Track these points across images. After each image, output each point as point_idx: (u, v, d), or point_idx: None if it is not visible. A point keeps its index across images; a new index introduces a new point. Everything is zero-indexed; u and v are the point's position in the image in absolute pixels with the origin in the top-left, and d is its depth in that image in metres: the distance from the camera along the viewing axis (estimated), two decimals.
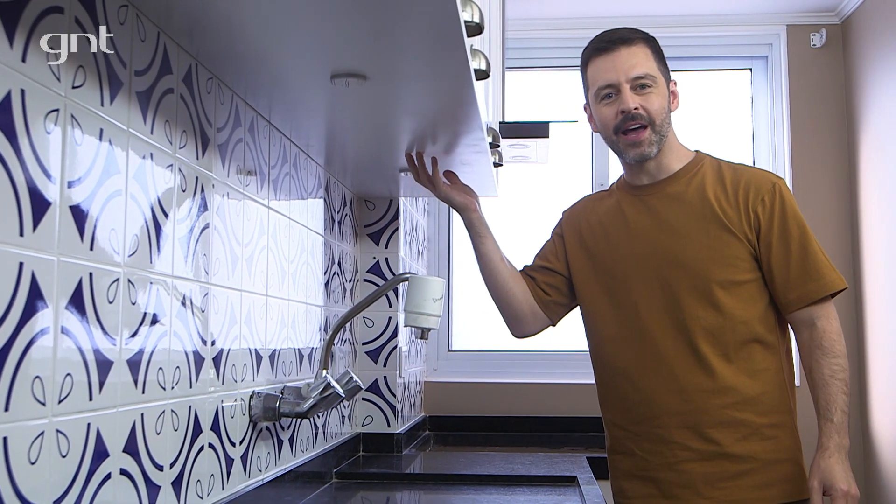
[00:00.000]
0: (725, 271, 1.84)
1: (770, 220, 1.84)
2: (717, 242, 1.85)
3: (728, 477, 1.82)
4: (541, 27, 3.63)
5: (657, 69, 1.89)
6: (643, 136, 1.86)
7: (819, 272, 1.84)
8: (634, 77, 1.85)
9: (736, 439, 1.82)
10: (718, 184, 1.89)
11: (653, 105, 1.86)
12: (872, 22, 3.29)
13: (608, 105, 1.89)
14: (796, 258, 1.83)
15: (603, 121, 1.91)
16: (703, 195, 1.89)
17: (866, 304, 3.33)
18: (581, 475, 2.32)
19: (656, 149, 1.89)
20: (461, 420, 3.39)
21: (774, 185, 1.87)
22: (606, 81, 1.88)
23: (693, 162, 1.95)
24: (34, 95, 0.97)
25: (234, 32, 1.31)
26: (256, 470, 1.73)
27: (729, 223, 1.85)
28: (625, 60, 1.86)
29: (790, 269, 1.83)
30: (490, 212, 3.68)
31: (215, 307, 1.52)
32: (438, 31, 1.26)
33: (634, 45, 1.88)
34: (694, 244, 1.86)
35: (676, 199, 1.91)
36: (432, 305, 1.85)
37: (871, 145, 3.32)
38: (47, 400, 0.99)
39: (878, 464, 3.23)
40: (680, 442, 1.84)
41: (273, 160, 1.85)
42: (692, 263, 1.85)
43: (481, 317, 3.67)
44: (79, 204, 1.06)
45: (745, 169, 1.94)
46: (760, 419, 1.83)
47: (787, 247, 1.84)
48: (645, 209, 1.94)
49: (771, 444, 1.83)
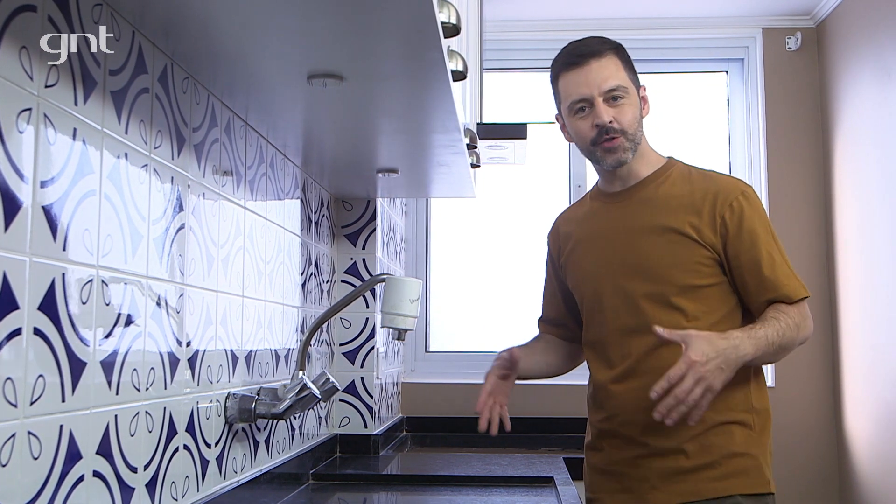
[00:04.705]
0: (686, 276, 1.85)
1: (738, 226, 1.85)
2: (680, 248, 1.86)
3: (684, 471, 1.82)
4: (518, 29, 3.64)
5: (628, 79, 1.90)
6: (618, 143, 1.88)
7: (787, 279, 1.85)
8: (607, 90, 1.87)
9: (691, 436, 1.81)
10: (686, 189, 1.90)
11: (626, 116, 1.88)
12: (847, 25, 3.33)
13: (582, 119, 1.90)
14: (766, 264, 1.84)
15: (578, 134, 1.93)
16: (668, 201, 1.90)
17: (840, 308, 3.36)
18: (558, 476, 2.33)
19: (630, 154, 1.90)
20: (439, 421, 3.39)
21: (743, 191, 1.88)
22: (580, 96, 1.89)
23: (663, 168, 1.96)
24: (6, 94, 0.96)
25: (211, 32, 1.31)
26: (232, 471, 1.72)
27: (693, 229, 1.85)
28: (596, 74, 1.87)
29: (761, 273, 1.84)
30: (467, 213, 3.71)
31: (191, 308, 1.51)
32: (415, 33, 1.26)
33: (604, 57, 1.89)
34: (658, 250, 1.87)
35: (643, 205, 1.93)
36: (409, 306, 1.85)
37: (845, 147, 3.35)
38: (19, 401, 0.98)
39: (853, 467, 3.26)
40: (638, 439, 1.86)
41: (250, 160, 1.84)
42: (654, 269, 1.86)
43: (459, 318, 3.68)
44: (52, 204, 1.06)
45: (714, 175, 1.95)
46: (716, 416, 1.81)
47: (757, 252, 1.84)
48: (614, 216, 1.96)
49: (725, 440, 1.83)
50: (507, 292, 3.66)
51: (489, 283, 3.67)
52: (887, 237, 2.98)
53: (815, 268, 3.46)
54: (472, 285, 3.69)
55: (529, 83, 3.81)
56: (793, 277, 1.85)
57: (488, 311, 3.66)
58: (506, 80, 3.77)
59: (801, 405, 3.38)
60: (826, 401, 3.43)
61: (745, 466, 1.83)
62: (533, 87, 3.80)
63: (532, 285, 3.63)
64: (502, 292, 3.67)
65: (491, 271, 3.68)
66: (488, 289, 3.67)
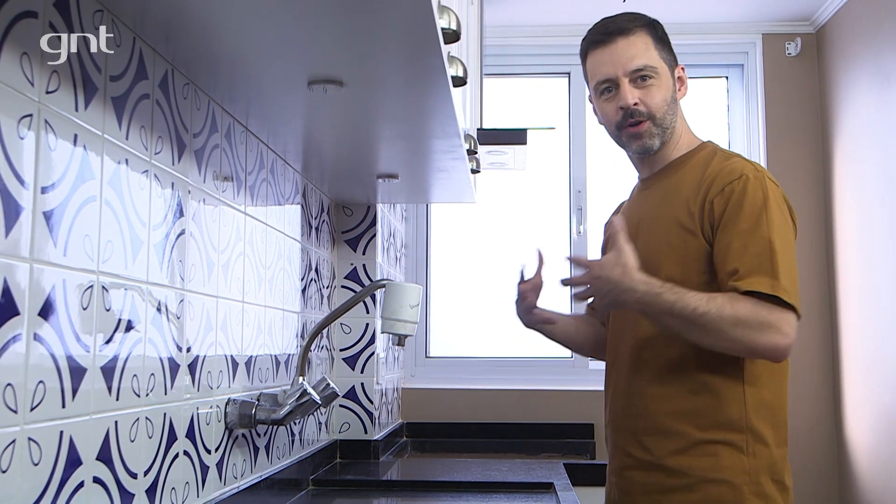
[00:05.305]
0: (674, 270, 1.70)
1: (723, 212, 1.67)
2: (675, 239, 1.72)
3: (664, 490, 1.71)
4: (519, 34, 3.64)
5: (658, 58, 1.78)
6: (643, 128, 1.77)
7: (753, 270, 1.61)
8: (633, 70, 1.76)
9: (671, 451, 1.69)
10: (697, 176, 1.76)
11: (653, 99, 1.76)
12: (846, 31, 3.33)
13: (608, 101, 1.80)
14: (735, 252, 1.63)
15: (605, 116, 1.83)
16: (678, 189, 1.77)
17: (840, 313, 3.36)
18: (558, 482, 2.33)
19: (658, 141, 1.79)
20: (439, 426, 3.39)
21: (742, 175, 1.69)
22: (604, 76, 1.78)
23: (690, 153, 1.82)
24: (7, 100, 0.97)
25: (211, 38, 1.31)
26: (232, 477, 1.72)
27: (690, 219, 1.71)
28: (622, 52, 1.76)
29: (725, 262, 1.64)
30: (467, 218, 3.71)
31: (191, 313, 1.51)
32: (416, 39, 1.26)
33: (633, 34, 1.77)
34: (655, 240, 1.76)
35: (660, 193, 1.81)
36: (409, 312, 1.85)
37: (845, 152, 3.35)
38: (19, 407, 0.98)
39: (853, 472, 3.25)
40: (623, 447, 1.79)
41: (250, 166, 1.84)
42: (645, 262, 1.69)
43: (459, 323, 3.68)
44: (52, 210, 1.06)
45: (730, 160, 1.76)
46: (699, 433, 1.68)
47: (729, 238, 1.64)
48: (641, 204, 1.87)
49: (708, 462, 1.67)
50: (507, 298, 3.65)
51: (489, 289, 3.67)
52: (888, 243, 2.98)
53: (815, 274, 3.46)
54: (472, 291, 3.69)
55: (530, 88, 3.82)
56: (761, 273, 1.60)
57: (488, 316, 3.66)
58: (506, 85, 3.78)
59: (802, 410, 3.38)
60: (826, 405, 3.42)
61: (721, 496, 1.66)
62: (533, 92, 3.80)
63: None
64: (502, 298, 3.66)
65: (491, 277, 3.68)
66: (488, 294, 3.67)
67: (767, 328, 1.58)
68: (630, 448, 1.77)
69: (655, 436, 1.72)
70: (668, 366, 1.73)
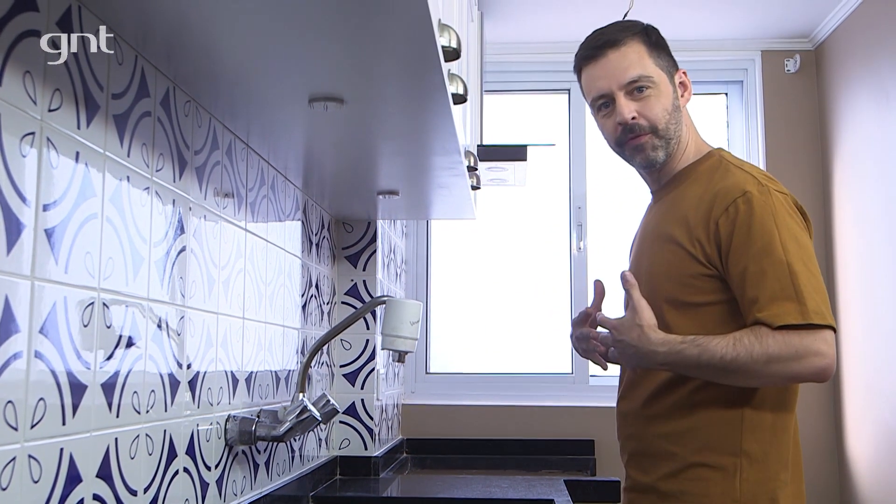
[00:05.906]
0: (677, 290, 1.64)
1: (731, 234, 1.58)
2: (673, 257, 1.65)
3: None
4: (518, 51, 3.66)
5: (654, 66, 1.70)
6: (644, 141, 1.70)
7: (774, 300, 1.53)
8: (627, 83, 1.69)
9: (665, 474, 1.65)
10: (699, 190, 1.68)
11: (652, 110, 1.69)
12: (845, 48, 3.34)
13: (606, 117, 1.73)
14: (752, 280, 1.55)
15: (605, 133, 1.77)
16: (678, 203, 1.70)
17: (840, 329, 3.36)
18: (558, 498, 2.32)
19: (663, 153, 1.72)
20: (439, 443, 3.38)
21: (745, 192, 1.60)
22: (599, 91, 1.72)
23: (696, 163, 1.75)
24: (10, 118, 0.97)
25: (213, 56, 1.32)
26: (232, 494, 1.71)
27: (687, 238, 1.63)
28: (615, 65, 1.69)
29: (744, 291, 1.56)
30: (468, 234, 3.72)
31: (191, 330, 1.51)
32: (416, 56, 1.27)
33: (624, 45, 1.70)
34: (654, 258, 1.70)
35: (663, 206, 1.75)
36: (409, 328, 1.85)
37: (844, 169, 3.36)
38: (19, 425, 0.98)
39: (854, 489, 3.24)
40: (626, 467, 1.76)
41: (251, 182, 1.85)
42: (646, 279, 1.67)
43: (459, 339, 3.68)
44: (54, 227, 1.06)
45: (733, 172, 1.68)
46: (693, 456, 1.62)
47: (744, 264, 1.56)
48: (648, 218, 1.83)
49: (698, 486, 1.61)
50: (507, 314, 3.66)
51: (490, 305, 3.67)
52: (888, 259, 2.98)
53: None
54: (472, 307, 3.69)
55: (530, 105, 3.83)
56: (784, 300, 1.52)
57: (489, 332, 3.66)
58: (506, 101, 3.79)
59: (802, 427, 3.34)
60: (827, 422, 3.42)
61: None
62: (533, 108, 3.81)
63: (532, 306, 3.64)
64: (503, 314, 3.67)
65: (491, 293, 3.68)
66: (489, 310, 3.67)
67: (804, 356, 1.51)
68: (629, 469, 1.76)
69: (651, 457, 1.69)
70: (662, 386, 1.68)
